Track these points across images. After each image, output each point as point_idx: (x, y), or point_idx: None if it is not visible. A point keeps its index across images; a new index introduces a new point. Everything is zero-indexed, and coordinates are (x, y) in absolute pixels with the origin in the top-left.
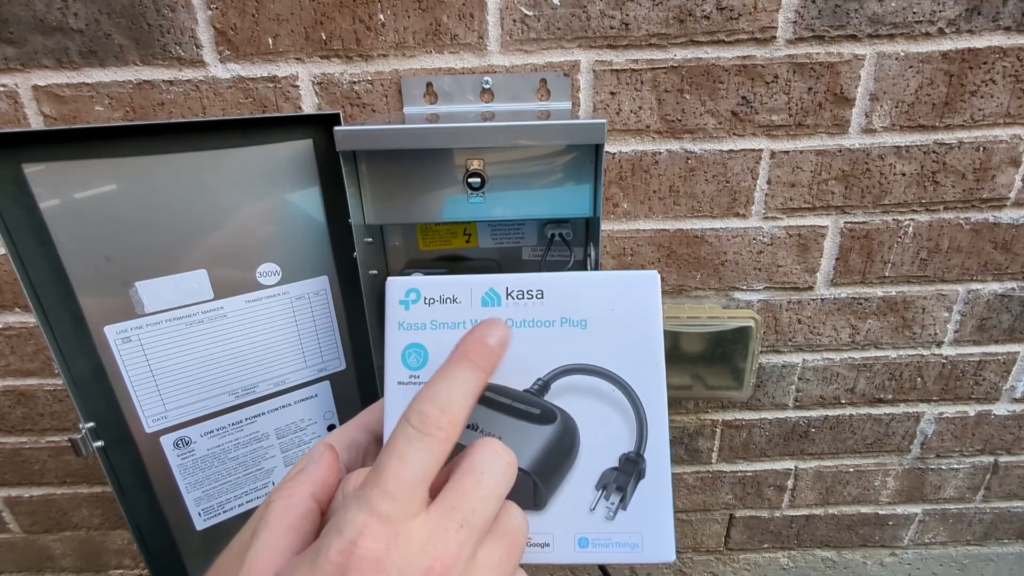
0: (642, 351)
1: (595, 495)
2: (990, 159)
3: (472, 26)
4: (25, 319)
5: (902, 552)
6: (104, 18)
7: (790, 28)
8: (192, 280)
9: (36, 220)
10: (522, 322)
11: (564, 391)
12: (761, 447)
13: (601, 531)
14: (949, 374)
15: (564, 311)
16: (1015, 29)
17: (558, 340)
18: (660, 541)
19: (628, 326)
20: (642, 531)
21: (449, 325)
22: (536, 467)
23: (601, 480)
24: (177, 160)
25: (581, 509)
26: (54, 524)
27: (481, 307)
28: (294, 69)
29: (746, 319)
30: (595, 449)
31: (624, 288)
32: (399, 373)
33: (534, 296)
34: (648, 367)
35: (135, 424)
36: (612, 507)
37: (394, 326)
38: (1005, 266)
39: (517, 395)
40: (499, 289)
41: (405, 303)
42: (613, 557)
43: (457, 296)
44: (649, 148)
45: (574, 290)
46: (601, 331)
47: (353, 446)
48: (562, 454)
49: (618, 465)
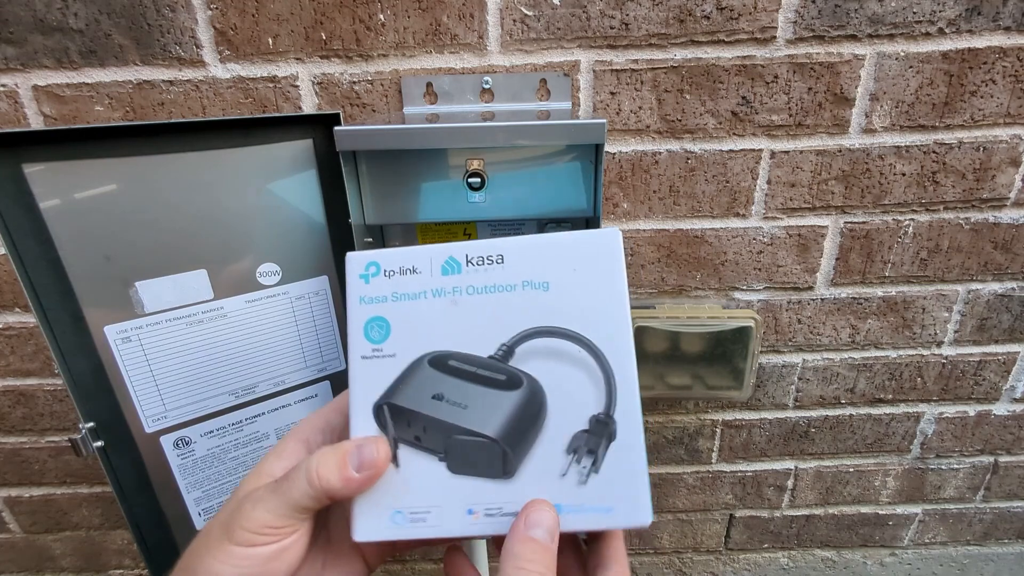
0: (607, 310)
1: (566, 460)
2: (990, 159)
3: (472, 26)
4: (25, 319)
5: (902, 552)
6: (104, 18)
7: (790, 28)
8: (192, 280)
9: (36, 220)
10: (484, 288)
11: (529, 355)
12: (761, 447)
13: (574, 497)
14: (949, 374)
15: (525, 274)
16: (1015, 29)
17: (521, 304)
18: (635, 504)
19: (591, 286)
20: (616, 494)
21: (410, 296)
22: (504, 434)
23: (571, 444)
24: (177, 160)
25: (552, 475)
26: (54, 524)
27: (442, 276)
28: (294, 69)
29: (746, 319)
30: (563, 413)
31: (585, 248)
32: (362, 347)
33: (494, 261)
34: (614, 326)
35: (135, 424)
36: (584, 471)
37: (355, 300)
38: (1005, 266)
39: (482, 362)
40: (459, 256)
41: (365, 276)
42: (587, 524)
43: (417, 266)
44: (649, 148)
45: (534, 253)
46: (564, 292)
47: (327, 429)
48: (530, 419)
49: (588, 427)
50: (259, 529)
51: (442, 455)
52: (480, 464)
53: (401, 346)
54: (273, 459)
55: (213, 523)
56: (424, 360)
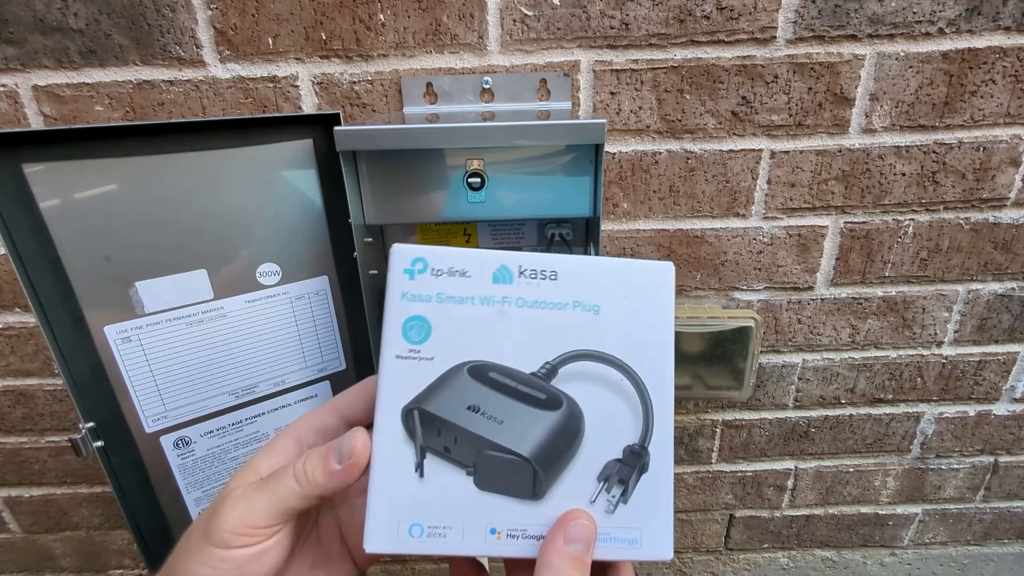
0: (653, 342)
1: (596, 487)
2: (990, 159)
3: (472, 26)
4: (25, 319)
5: (902, 552)
6: (104, 18)
7: (790, 28)
8: (192, 280)
9: (36, 220)
10: (534, 303)
11: (572, 377)
12: (761, 447)
13: (600, 525)
14: (949, 374)
15: (577, 295)
16: (1015, 29)
17: (569, 324)
18: (659, 538)
19: (641, 315)
20: (641, 527)
21: (457, 300)
22: (537, 454)
23: (604, 472)
24: (177, 160)
25: (581, 501)
26: (54, 524)
27: (492, 283)
28: (294, 69)
29: (746, 319)
30: (599, 439)
31: (640, 276)
32: (398, 346)
33: (547, 277)
34: (658, 359)
35: (135, 424)
36: (613, 500)
37: (396, 296)
38: (1005, 266)
39: (523, 378)
40: (511, 266)
41: (410, 272)
42: (610, 553)
43: (467, 270)
44: (649, 148)
45: (589, 274)
46: (613, 318)
47: (322, 431)
48: (566, 442)
49: (622, 457)
50: (239, 529)
51: (470, 469)
52: (509, 483)
53: (440, 350)
54: (263, 456)
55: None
56: (463, 368)
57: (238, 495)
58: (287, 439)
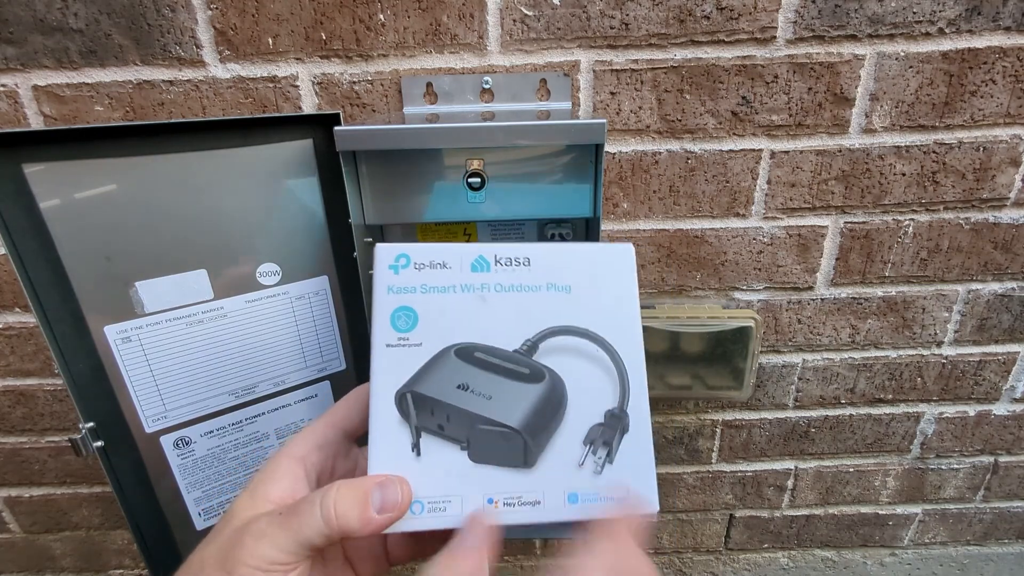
0: (621, 314)
1: (583, 451)
2: (990, 159)
3: (472, 26)
4: (25, 319)
5: (902, 552)
6: (104, 18)
7: (790, 28)
8: (192, 280)
9: (36, 220)
10: (511, 287)
11: (551, 351)
12: (761, 447)
13: (589, 487)
14: (949, 374)
15: (550, 278)
16: (1015, 29)
17: (544, 304)
18: (645, 493)
19: (608, 292)
20: (627, 484)
21: (440, 289)
22: (526, 425)
23: (588, 436)
24: (177, 160)
25: (570, 465)
26: (54, 524)
27: (471, 272)
28: (294, 69)
29: (746, 319)
30: (581, 406)
31: (604, 257)
32: (388, 335)
33: (521, 263)
34: (627, 328)
35: (135, 424)
36: (599, 462)
37: (383, 290)
38: (1005, 266)
39: (507, 355)
40: (488, 256)
41: (395, 267)
42: (600, 512)
43: (447, 262)
44: (649, 148)
45: (559, 259)
46: (584, 296)
47: (325, 446)
48: (551, 411)
49: (604, 421)
50: (265, 566)
51: (464, 444)
52: (502, 454)
53: (428, 336)
54: (268, 482)
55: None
56: (450, 351)
57: (260, 530)
58: (290, 460)
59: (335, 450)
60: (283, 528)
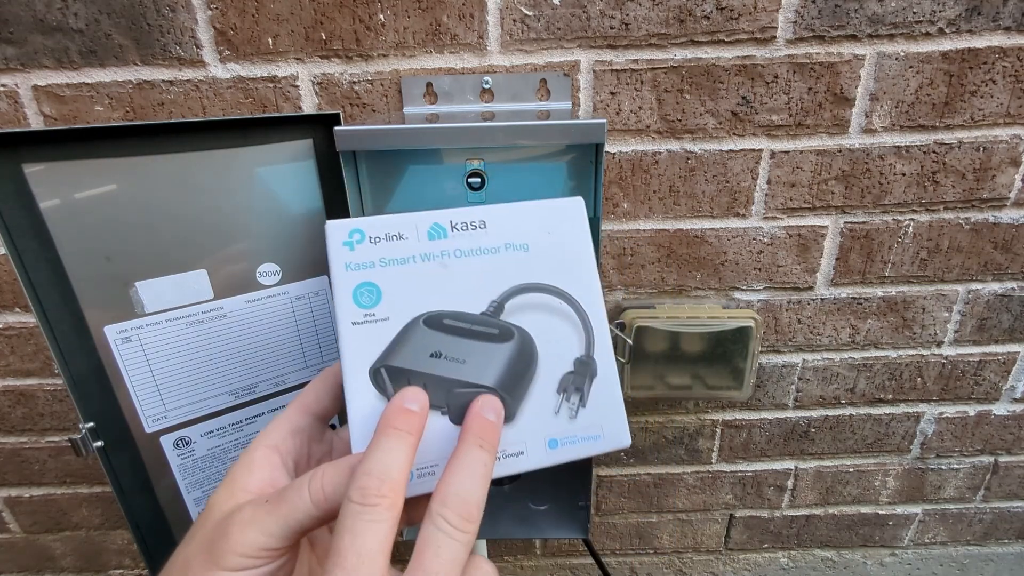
0: (578, 266)
1: (557, 399)
2: (990, 159)
3: (472, 26)
4: (25, 319)
5: (902, 552)
6: (104, 18)
7: (790, 28)
8: (192, 280)
9: (36, 220)
10: (470, 251)
11: (517, 309)
12: (761, 447)
13: (567, 431)
14: (949, 374)
15: (507, 238)
16: (1015, 29)
17: (505, 264)
18: (616, 429)
19: (564, 246)
20: (601, 423)
21: (399, 261)
22: (501, 382)
23: (561, 384)
24: (177, 160)
25: (547, 414)
26: (54, 524)
27: (429, 241)
28: (294, 69)
29: (746, 319)
30: (551, 358)
31: (556, 213)
32: (352, 313)
33: (478, 227)
34: (586, 279)
35: (135, 424)
36: (574, 407)
37: (340, 267)
38: (1005, 266)
39: (475, 318)
40: (443, 223)
41: (349, 244)
42: (579, 452)
43: (403, 233)
44: (649, 148)
45: (513, 219)
46: (542, 252)
47: (298, 432)
48: (523, 367)
49: (573, 368)
50: (253, 553)
51: (444, 409)
52: None
53: (393, 309)
54: (245, 473)
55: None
56: (419, 320)
57: (246, 517)
58: (266, 450)
59: (309, 435)
60: (271, 514)
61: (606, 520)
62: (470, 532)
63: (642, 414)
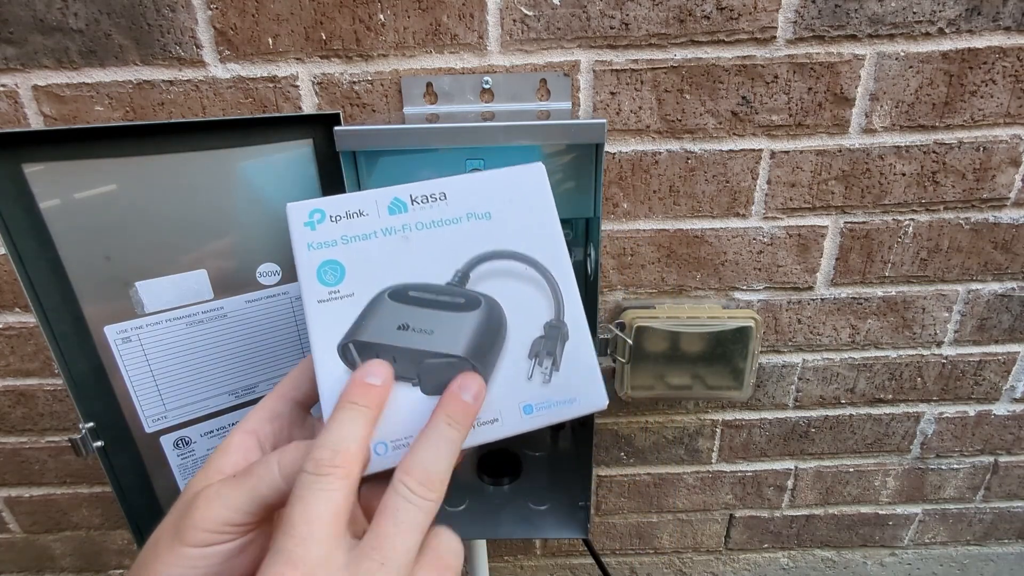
0: (543, 231)
1: (530, 364)
2: (990, 159)
3: (472, 26)
4: (25, 319)
5: (902, 552)
6: (104, 18)
7: (790, 28)
8: (192, 280)
9: (36, 220)
10: (432, 223)
11: (483, 278)
12: (761, 447)
13: (541, 396)
14: (949, 374)
15: (468, 207)
16: (1015, 29)
17: (467, 233)
18: (593, 391)
19: (527, 212)
20: (576, 386)
21: (361, 237)
22: (471, 351)
23: (532, 349)
24: (177, 160)
25: (520, 380)
26: (54, 524)
27: (390, 215)
28: (294, 69)
29: (746, 319)
30: (521, 324)
31: (517, 179)
32: (317, 292)
33: (438, 199)
34: (551, 244)
35: (135, 424)
36: (547, 372)
37: (303, 247)
38: (1005, 266)
39: (440, 289)
40: (403, 197)
41: (311, 224)
42: (555, 416)
43: (363, 209)
44: (649, 148)
45: (474, 188)
46: (504, 220)
47: (275, 418)
48: (492, 334)
49: (544, 333)
50: (217, 527)
51: (415, 381)
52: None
53: (358, 285)
54: (221, 456)
55: (161, 529)
56: (384, 294)
57: (211, 493)
58: (243, 435)
59: (288, 421)
60: (236, 488)
61: (606, 520)
62: (431, 500)
63: (642, 414)
